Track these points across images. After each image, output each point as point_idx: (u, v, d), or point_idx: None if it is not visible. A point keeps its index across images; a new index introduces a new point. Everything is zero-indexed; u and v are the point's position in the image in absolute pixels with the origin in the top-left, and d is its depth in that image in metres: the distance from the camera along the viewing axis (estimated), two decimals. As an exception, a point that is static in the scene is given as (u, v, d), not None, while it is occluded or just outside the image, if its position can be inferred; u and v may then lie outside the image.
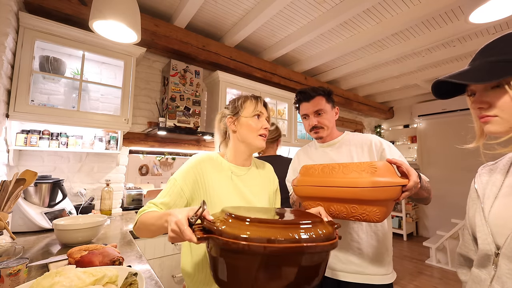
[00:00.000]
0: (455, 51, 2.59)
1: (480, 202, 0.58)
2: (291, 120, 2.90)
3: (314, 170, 0.84)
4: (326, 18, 2.06)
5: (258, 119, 0.90)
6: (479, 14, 1.29)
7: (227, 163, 0.91)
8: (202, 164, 0.85)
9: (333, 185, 0.75)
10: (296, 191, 0.88)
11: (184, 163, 0.87)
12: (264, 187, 0.96)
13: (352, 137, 1.14)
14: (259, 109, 0.90)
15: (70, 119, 1.61)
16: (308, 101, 1.13)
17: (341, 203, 0.76)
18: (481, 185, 0.61)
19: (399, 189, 0.69)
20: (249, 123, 0.89)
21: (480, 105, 0.53)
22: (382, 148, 1.04)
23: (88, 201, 1.83)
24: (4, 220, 1.01)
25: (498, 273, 0.50)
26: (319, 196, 0.80)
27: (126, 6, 1.17)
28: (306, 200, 0.86)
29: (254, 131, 0.88)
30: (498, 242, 0.51)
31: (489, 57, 0.52)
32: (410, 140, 4.73)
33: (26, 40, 1.49)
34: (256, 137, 0.89)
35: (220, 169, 0.88)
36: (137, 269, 0.80)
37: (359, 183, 0.70)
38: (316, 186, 0.80)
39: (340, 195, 0.74)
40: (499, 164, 0.60)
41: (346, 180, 0.73)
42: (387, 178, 0.69)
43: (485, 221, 0.54)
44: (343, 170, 0.76)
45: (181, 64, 2.20)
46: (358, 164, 0.75)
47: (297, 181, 0.87)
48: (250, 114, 0.89)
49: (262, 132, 0.89)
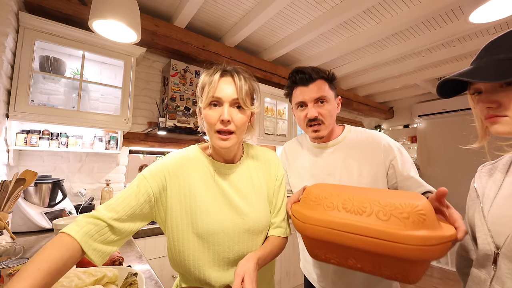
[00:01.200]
0: (455, 51, 2.58)
1: (479, 202, 0.58)
2: (291, 120, 2.90)
3: (330, 202, 0.59)
4: (326, 18, 2.05)
5: (215, 107, 0.65)
6: (479, 14, 1.28)
7: (208, 159, 0.71)
8: (170, 172, 0.66)
9: (362, 233, 0.52)
10: (302, 229, 0.62)
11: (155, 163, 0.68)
12: (260, 182, 0.75)
13: (354, 137, 0.92)
14: (211, 94, 0.63)
15: (70, 119, 1.61)
16: (307, 85, 0.86)
17: (369, 257, 0.55)
18: (480, 184, 0.61)
19: (450, 245, 0.50)
20: (205, 115, 0.65)
21: (489, 105, 0.51)
22: (393, 156, 0.84)
23: (88, 201, 1.83)
24: (4, 220, 1.01)
25: (498, 273, 0.50)
26: (337, 242, 0.55)
27: (126, 6, 1.17)
28: (314, 243, 0.63)
29: (210, 127, 0.65)
30: (498, 242, 0.51)
31: (497, 54, 0.50)
32: (410, 140, 4.73)
33: (26, 40, 1.49)
34: (213, 134, 0.65)
35: (196, 169, 0.69)
36: (137, 269, 0.80)
37: (403, 237, 0.48)
38: (335, 229, 0.55)
39: (372, 248, 0.51)
40: (498, 164, 0.60)
41: (382, 229, 0.50)
42: (439, 231, 0.50)
43: (485, 221, 0.54)
44: (377, 212, 0.53)
45: (181, 64, 2.20)
46: (397, 201, 0.52)
47: (303, 216, 0.61)
48: (205, 103, 0.64)
49: (218, 127, 0.63)
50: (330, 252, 0.61)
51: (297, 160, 0.99)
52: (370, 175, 0.86)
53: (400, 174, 0.85)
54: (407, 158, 0.86)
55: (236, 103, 0.65)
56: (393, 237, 0.49)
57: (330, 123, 0.88)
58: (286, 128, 2.89)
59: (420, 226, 0.49)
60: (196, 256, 0.65)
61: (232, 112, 0.65)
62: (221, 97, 0.64)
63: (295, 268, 2.45)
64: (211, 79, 0.65)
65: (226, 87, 0.64)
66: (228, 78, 0.66)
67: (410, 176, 0.84)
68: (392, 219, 0.51)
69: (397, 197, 0.55)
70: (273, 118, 2.83)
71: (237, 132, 0.66)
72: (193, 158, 0.71)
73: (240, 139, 0.69)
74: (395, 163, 0.85)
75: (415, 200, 0.52)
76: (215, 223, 0.65)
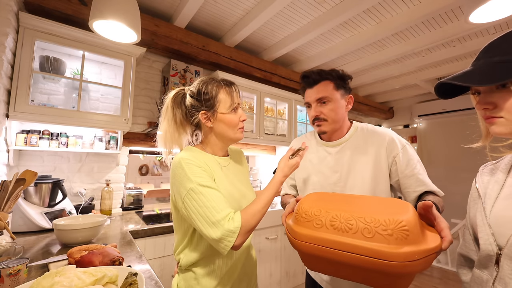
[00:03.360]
0: (455, 51, 2.58)
1: (481, 202, 0.58)
2: (291, 120, 2.90)
3: (319, 220, 0.62)
4: (326, 18, 2.06)
5: (235, 112, 0.83)
6: (479, 14, 1.28)
7: (211, 156, 0.84)
8: (199, 159, 0.77)
9: (349, 250, 0.56)
10: (294, 244, 0.66)
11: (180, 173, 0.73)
12: (245, 172, 0.96)
13: (360, 134, 0.97)
14: (236, 102, 0.82)
15: (70, 119, 1.61)
16: (312, 86, 0.96)
17: (358, 271, 0.59)
18: (482, 184, 0.61)
19: (435, 256, 0.53)
20: (228, 119, 0.81)
21: (485, 106, 0.52)
22: (396, 152, 0.89)
23: (88, 201, 1.83)
24: (4, 220, 1.01)
25: (501, 274, 0.49)
26: (327, 258, 0.59)
27: (126, 6, 1.17)
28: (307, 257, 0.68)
29: (234, 127, 0.82)
30: (500, 242, 0.50)
31: (492, 57, 0.50)
32: (410, 140, 4.73)
33: (26, 40, 1.49)
34: (236, 131, 0.83)
35: (210, 161, 0.81)
36: (137, 269, 0.80)
37: (387, 255, 0.51)
38: (324, 246, 0.59)
39: (358, 264, 0.55)
40: (500, 164, 0.60)
41: (367, 247, 0.54)
42: (422, 244, 0.52)
43: (487, 221, 0.54)
44: (363, 229, 0.56)
45: (181, 64, 2.19)
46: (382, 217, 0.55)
47: (295, 233, 0.65)
48: (227, 109, 0.81)
49: (241, 125, 0.84)
50: (323, 265, 0.66)
51: (305, 156, 1.02)
52: (373, 173, 0.91)
53: (401, 171, 0.89)
54: (412, 156, 0.90)
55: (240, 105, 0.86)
56: (377, 254, 0.52)
57: (334, 120, 0.94)
58: (286, 128, 2.88)
59: (403, 242, 0.52)
60: None
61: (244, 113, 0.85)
62: (238, 102, 0.83)
63: (295, 268, 2.45)
64: (228, 89, 0.82)
65: (237, 96, 0.83)
66: (235, 88, 0.84)
67: (412, 174, 0.88)
68: (377, 236, 0.54)
69: (384, 211, 0.58)
70: (273, 118, 2.83)
71: None
72: (200, 154, 0.82)
73: None
74: (397, 160, 0.89)
75: (400, 215, 0.55)
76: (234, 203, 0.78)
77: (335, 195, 0.74)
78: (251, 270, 0.90)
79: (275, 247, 2.31)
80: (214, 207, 0.68)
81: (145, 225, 1.61)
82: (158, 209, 2.13)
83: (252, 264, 0.91)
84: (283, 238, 2.38)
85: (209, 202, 0.68)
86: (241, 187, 0.85)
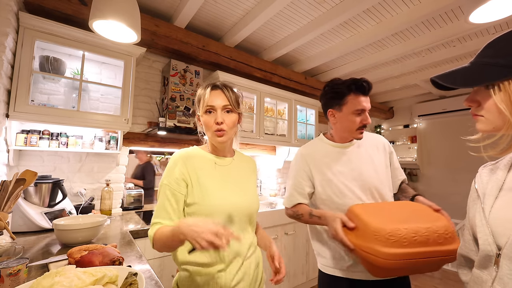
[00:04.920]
0: (455, 51, 2.58)
1: (480, 202, 0.58)
2: (291, 120, 2.90)
3: (403, 238, 0.74)
4: (326, 18, 2.06)
5: (211, 114, 0.84)
6: (479, 14, 1.28)
7: (209, 155, 0.90)
8: (185, 161, 0.84)
9: (432, 256, 0.75)
10: (385, 264, 0.74)
11: (167, 165, 0.85)
12: (250, 176, 0.97)
13: (365, 135, 1.12)
14: (207, 103, 0.83)
15: (70, 119, 1.61)
16: (366, 95, 1.05)
17: (430, 267, 0.79)
18: (481, 185, 0.61)
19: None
20: (203, 120, 0.85)
21: (469, 103, 0.55)
22: (390, 150, 1.15)
23: (88, 201, 1.83)
24: (4, 220, 1.01)
25: (500, 274, 0.49)
26: (415, 266, 0.77)
27: (126, 6, 1.17)
28: (378, 270, 0.81)
29: (208, 129, 0.85)
30: (499, 242, 0.50)
31: (483, 57, 0.52)
32: (410, 140, 4.72)
33: (26, 40, 1.49)
34: (212, 134, 0.84)
35: (202, 161, 0.87)
36: (137, 269, 0.80)
37: (452, 252, 0.73)
38: (415, 259, 0.74)
39: (436, 262, 0.76)
40: (499, 164, 0.60)
41: (443, 249, 0.75)
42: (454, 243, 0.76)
43: (486, 221, 0.54)
44: (436, 238, 0.75)
45: (181, 64, 2.20)
46: (435, 225, 0.76)
47: (388, 255, 0.73)
48: (201, 110, 0.85)
49: (214, 128, 0.83)
50: (403, 272, 0.83)
51: (322, 160, 1.11)
52: (383, 165, 1.11)
53: (392, 164, 1.16)
54: (394, 152, 1.18)
55: (226, 109, 0.84)
56: (449, 253, 0.74)
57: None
58: (286, 128, 2.88)
59: (451, 241, 0.76)
60: None
61: (224, 115, 0.84)
62: (213, 105, 0.83)
63: (295, 268, 2.45)
64: (204, 92, 0.85)
65: (216, 98, 0.84)
66: (218, 91, 0.85)
67: (397, 166, 1.18)
68: (444, 240, 0.75)
69: (427, 218, 0.80)
70: (273, 118, 2.83)
71: (228, 130, 0.84)
72: (195, 153, 0.88)
73: (231, 135, 0.88)
74: (391, 156, 1.15)
75: (440, 221, 0.79)
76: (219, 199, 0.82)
77: (377, 206, 0.91)
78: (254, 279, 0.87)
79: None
80: (157, 210, 0.81)
81: (145, 225, 1.61)
82: (158, 209, 2.12)
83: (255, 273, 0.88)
84: (283, 238, 2.38)
85: (161, 203, 0.80)
86: (237, 186, 0.88)
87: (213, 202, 0.81)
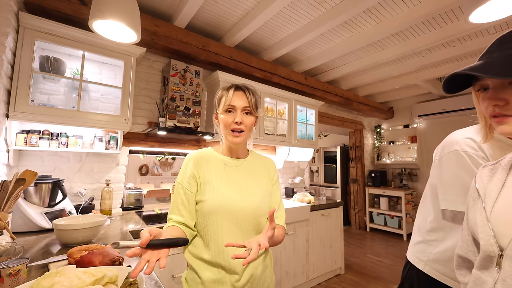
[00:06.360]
0: (455, 51, 2.58)
1: (481, 202, 0.57)
2: (291, 120, 2.90)
3: None
4: (326, 18, 2.06)
5: (230, 113, 0.87)
6: (479, 14, 1.29)
7: (220, 155, 0.93)
8: (195, 162, 0.89)
9: None
10: None
11: (182, 165, 0.91)
12: (261, 178, 0.96)
13: None
14: (227, 103, 0.87)
15: (70, 119, 1.61)
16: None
17: None
18: (482, 184, 0.60)
19: None
20: (222, 118, 0.88)
21: (496, 102, 0.48)
22: None
23: (88, 201, 1.83)
24: (4, 220, 1.01)
25: (502, 275, 0.48)
26: None
27: (126, 6, 1.17)
28: None
29: (226, 127, 0.87)
30: (502, 243, 0.49)
31: (510, 49, 0.47)
32: (410, 140, 4.73)
33: (26, 40, 1.49)
34: (228, 132, 0.87)
35: (212, 162, 0.90)
36: (137, 269, 0.80)
37: None
38: None
39: None
40: (500, 164, 0.60)
41: None
42: None
43: (487, 221, 0.53)
44: None
45: (181, 64, 2.19)
46: None
47: None
48: (222, 109, 0.88)
49: (232, 127, 0.86)
50: None
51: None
52: None
53: None
54: None
55: (245, 110, 0.87)
56: None
57: None
58: (286, 128, 2.88)
59: None
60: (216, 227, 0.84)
61: (243, 116, 0.87)
62: (234, 105, 0.86)
63: (295, 268, 2.45)
64: (227, 92, 0.88)
65: (238, 99, 0.87)
66: (240, 92, 0.88)
67: None
68: None
69: None
70: (273, 118, 2.83)
71: (246, 131, 0.88)
72: (208, 153, 0.92)
73: (247, 136, 0.90)
74: None
75: None
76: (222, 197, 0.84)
77: None
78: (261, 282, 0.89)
79: (275, 247, 2.30)
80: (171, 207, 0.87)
81: (145, 225, 1.61)
82: (158, 209, 2.13)
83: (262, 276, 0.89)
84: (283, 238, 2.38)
85: (174, 200, 0.86)
86: (244, 187, 0.89)
87: (215, 201, 0.83)
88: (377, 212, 4.73)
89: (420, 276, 0.98)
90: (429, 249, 0.99)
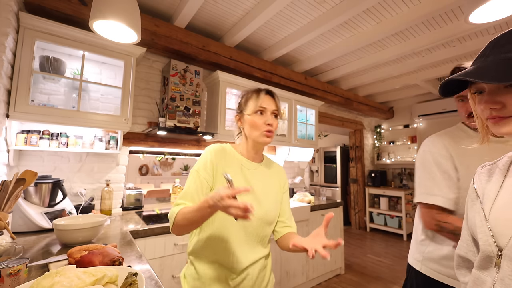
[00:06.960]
0: (455, 51, 2.58)
1: (480, 202, 0.57)
2: (291, 120, 2.90)
3: None
4: (326, 18, 2.06)
5: (261, 115, 0.90)
6: (479, 14, 1.29)
7: (239, 155, 0.93)
8: (217, 154, 0.89)
9: None
10: None
11: (201, 155, 0.91)
12: (273, 185, 0.96)
13: None
14: (259, 105, 0.89)
15: (70, 119, 1.61)
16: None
17: None
18: (480, 185, 0.60)
19: None
20: (252, 120, 0.89)
21: (492, 105, 0.50)
22: None
23: (88, 201, 1.83)
24: (4, 220, 1.01)
25: (501, 275, 0.49)
26: None
27: (126, 6, 1.17)
28: None
29: (257, 129, 0.89)
30: (500, 243, 0.50)
31: (505, 53, 0.47)
32: (410, 140, 4.73)
33: (26, 40, 1.49)
34: (260, 134, 0.89)
35: (231, 160, 0.91)
36: (137, 269, 0.80)
37: None
38: None
39: None
40: (498, 164, 0.60)
41: None
42: None
43: (486, 221, 0.53)
44: None
45: (181, 64, 2.20)
46: None
47: None
48: (251, 111, 0.90)
49: (266, 128, 0.89)
50: None
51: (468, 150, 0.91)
52: None
53: None
54: None
55: (274, 113, 0.92)
56: None
57: None
58: (286, 128, 2.88)
59: None
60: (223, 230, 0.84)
61: (272, 119, 0.91)
62: (266, 107, 0.90)
63: (295, 268, 2.45)
64: (258, 95, 0.91)
65: (269, 102, 0.92)
66: (269, 96, 0.93)
67: None
68: None
69: None
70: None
71: (273, 132, 0.91)
72: (228, 150, 0.93)
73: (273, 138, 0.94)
74: None
75: None
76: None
77: None
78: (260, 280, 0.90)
79: (275, 247, 2.31)
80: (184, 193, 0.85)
81: (145, 225, 1.61)
82: (158, 209, 2.13)
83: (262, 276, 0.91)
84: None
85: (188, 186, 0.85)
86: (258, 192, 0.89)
87: None
88: (377, 212, 4.74)
89: (418, 277, 0.99)
90: (422, 248, 1.00)
